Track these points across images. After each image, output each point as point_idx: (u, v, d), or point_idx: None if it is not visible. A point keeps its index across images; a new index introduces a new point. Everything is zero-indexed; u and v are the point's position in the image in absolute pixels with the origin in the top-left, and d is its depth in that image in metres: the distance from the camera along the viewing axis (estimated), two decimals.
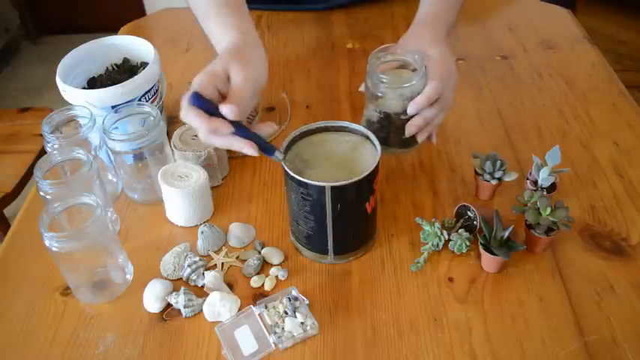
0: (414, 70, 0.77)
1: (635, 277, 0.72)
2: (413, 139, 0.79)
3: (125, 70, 0.96)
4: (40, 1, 3.00)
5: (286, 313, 0.68)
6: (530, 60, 1.11)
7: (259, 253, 0.77)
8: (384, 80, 0.75)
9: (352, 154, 0.73)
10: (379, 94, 0.76)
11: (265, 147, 0.70)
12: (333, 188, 0.67)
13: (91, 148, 0.80)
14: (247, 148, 0.68)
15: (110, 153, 0.82)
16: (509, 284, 0.72)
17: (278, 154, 0.70)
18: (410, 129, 0.76)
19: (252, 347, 0.67)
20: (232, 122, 0.67)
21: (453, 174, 0.88)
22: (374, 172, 0.69)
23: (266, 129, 0.73)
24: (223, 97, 0.69)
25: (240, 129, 0.68)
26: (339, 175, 0.70)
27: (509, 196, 0.81)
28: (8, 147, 1.64)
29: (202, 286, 0.73)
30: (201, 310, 0.70)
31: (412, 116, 0.76)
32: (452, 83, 0.78)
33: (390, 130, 0.78)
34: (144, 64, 0.96)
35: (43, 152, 0.98)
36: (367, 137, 0.73)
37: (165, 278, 0.75)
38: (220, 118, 0.67)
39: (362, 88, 0.80)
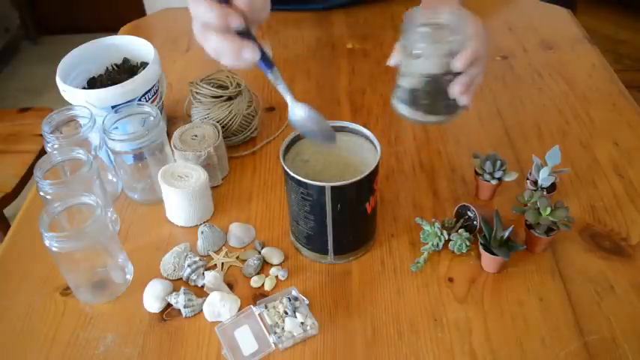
0: (450, 28, 0.71)
1: (635, 277, 0.72)
2: (455, 105, 0.73)
3: (125, 70, 0.96)
4: (40, 1, 3.00)
5: (286, 313, 0.68)
6: (530, 60, 1.11)
7: (259, 253, 0.77)
8: (425, 36, 0.69)
9: (352, 154, 0.73)
10: (420, 53, 0.69)
11: (265, 59, 0.63)
12: (333, 188, 0.67)
13: (91, 148, 0.80)
14: (248, 49, 0.61)
15: (110, 153, 0.82)
16: (509, 284, 0.72)
17: (275, 72, 0.64)
18: (458, 88, 0.70)
19: (252, 347, 0.67)
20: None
21: (453, 174, 0.88)
22: (374, 172, 0.69)
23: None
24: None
25: (244, 33, 0.61)
26: (339, 175, 0.70)
27: (509, 196, 0.82)
28: (8, 147, 1.64)
29: (202, 286, 0.73)
30: (201, 310, 0.70)
31: (454, 77, 0.71)
32: (485, 44, 0.74)
33: (436, 95, 0.72)
34: (144, 64, 0.96)
35: (43, 152, 0.99)
36: (367, 137, 0.73)
37: (166, 278, 0.75)
38: (233, 10, 0.60)
39: (393, 60, 0.73)
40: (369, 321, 0.69)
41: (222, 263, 0.77)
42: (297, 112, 0.67)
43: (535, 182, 0.80)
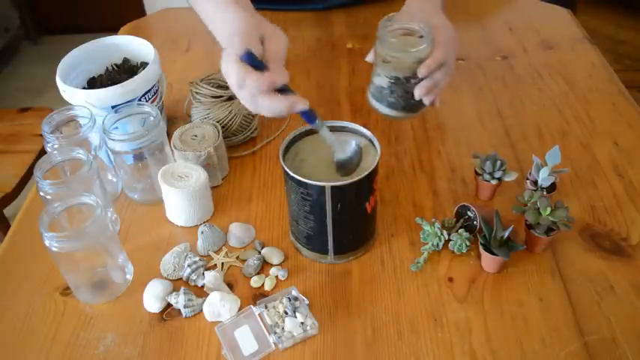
0: (420, 36, 0.80)
1: (635, 277, 0.72)
2: (420, 103, 0.81)
3: (125, 70, 0.96)
4: (40, 1, 3.00)
5: (286, 313, 0.68)
6: (530, 60, 1.11)
7: (259, 253, 0.77)
8: (395, 44, 0.78)
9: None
10: (390, 60, 0.78)
11: (309, 111, 0.69)
12: (333, 188, 0.67)
13: (91, 148, 0.80)
14: (300, 102, 0.67)
15: (110, 153, 0.82)
16: (509, 284, 0.72)
17: (319, 122, 0.70)
18: (420, 91, 0.79)
19: (252, 347, 0.67)
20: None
21: (453, 174, 0.88)
22: (374, 172, 0.69)
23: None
24: None
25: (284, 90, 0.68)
26: (339, 175, 0.70)
27: (509, 196, 0.81)
28: (8, 147, 1.64)
29: (202, 286, 0.73)
30: (201, 310, 0.70)
31: (420, 81, 0.79)
32: (454, 50, 0.82)
33: (400, 94, 0.81)
34: (144, 64, 0.96)
35: (43, 152, 0.99)
36: (367, 137, 0.73)
37: (166, 278, 0.75)
38: (274, 71, 0.67)
39: (369, 57, 0.83)
40: (369, 321, 0.69)
41: (222, 263, 0.77)
42: (346, 150, 0.72)
43: (535, 182, 0.80)
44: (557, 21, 1.24)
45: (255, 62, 0.66)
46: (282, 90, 0.67)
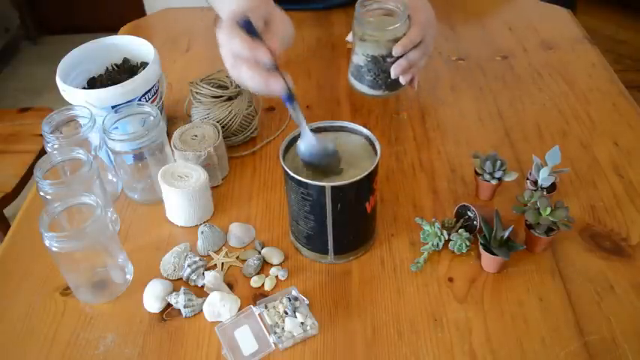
0: (397, 16, 0.82)
1: (635, 277, 0.72)
2: (398, 82, 0.84)
3: (125, 70, 0.96)
4: (40, 1, 3.00)
5: (286, 313, 0.68)
6: (530, 60, 1.11)
7: (259, 253, 0.77)
8: (371, 23, 0.80)
9: (352, 154, 0.73)
10: (366, 38, 0.81)
11: (289, 93, 0.69)
12: (333, 188, 0.67)
13: (91, 148, 0.80)
14: (275, 82, 0.67)
15: (110, 153, 0.82)
16: (509, 284, 0.72)
17: (295, 105, 0.69)
18: (395, 69, 0.81)
19: (252, 347, 0.67)
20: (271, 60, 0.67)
21: (453, 174, 0.88)
22: (374, 172, 0.69)
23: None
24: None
25: (273, 68, 0.68)
26: (339, 175, 0.70)
27: (509, 196, 0.81)
28: (8, 147, 1.64)
29: (202, 286, 0.73)
30: (201, 310, 0.70)
31: (397, 59, 0.81)
32: (432, 30, 0.83)
33: (377, 73, 0.83)
34: (144, 64, 0.96)
35: (43, 152, 0.99)
36: (367, 137, 0.73)
37: (166, 278, 0.75)
38: (265, 47, 0.66)
39: (349, 37, 0.87)
40: (369, 321, 0.69)
41: (222, 263, 0.77)
42: (308, 141, 0.70)
43: (535, 182, 0.80)
44: (557, 21, 1.24)
45: (250, 30, 0.65)
46: (273, 70, 0.67)
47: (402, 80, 0.82)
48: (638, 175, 0.86)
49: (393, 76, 0.81)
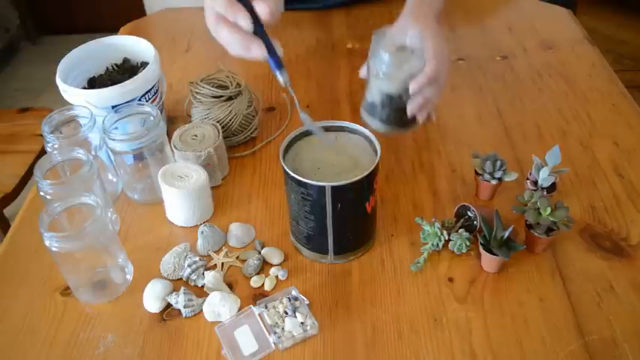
0: (412, 51, 0.78)
1: (635, 277, 0.72)
2: (413, 119, 0.81)
3: (125, 70, 0.96)
4: (40, 1, 3.00)
5: (286, 313, 0.68)
6: (530, 60, 1.11)
7: (259, 253, 0.77)
8: (386, 60, 0.77)
9: (352, 154, 0.73)
10: (381, 75, 0.78)
11: (276, 60, 0.67)
12: (333, 188, 0.67)
13: (91, 148, 0.80)
14: (256, 46, 0.65)
15: (110, 153, 0.82)
16: (509, 284, 0.72)
17: (283, 73, 0.68)
18: (412, 107, 0.78)
19: (252, 347, 0.67)
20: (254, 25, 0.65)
21: (453, 174, 0.88)
22: (374, 172, 0.69)
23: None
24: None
25: (259, 33, 0.66)
26: (339, 175, 0.70)
27: (509, 196, 0.81)
28: (8, 147, 1.64)
29: (202, 286, 0.73)
30: (201, 310, 0.70)
31: (411, 97, 0.78)
32: (446, 64, 0.81)
33: (392, 110, 0.80)
34: (144, 64, 0.96)
35: (43, 152, 0.99)
36: (367, 137, 0.73)
37: (166, 278, 0.75)
38: (245, 11, 0.65)
39: (363, 73, 0.82)
40: (369, 321, 0.69)
41: (222, 263, 0.77)
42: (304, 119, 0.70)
43: (535, 182, 0.80)
44: (557, 21, 1.24)
45: None
46: (260, 35, 0.66)
47: (419, 117, 0.80)
48: (638, 175, 0.86)
49: (409, 113, 0.79)
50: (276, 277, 0.74)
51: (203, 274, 0.74)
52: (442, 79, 0.80)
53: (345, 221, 0.71)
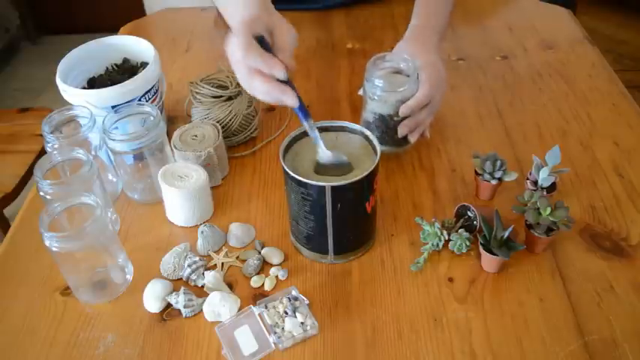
0: (408, 75, 0.83)
1: (635, 277, 0.72)
2: (406, 139, 0.85)
3: (125, 70, 0.96)
4: (40, 1, 3.00)
5: (286, 313, 0.68)
6: (530, 60, 1.11)
7: (259, 253, 0.77)
8: (379, 85, 0.81)
9: (352, 154, 0.73)
10: (375, 98, 0.82)
11: (303, 111, 0.71)
12: (333, 188, 0.67)
13: (91, 148, 0.80)
14: (289, 97, 0.69)
15: (110, 153, 0.82)
16: (509, 284, 0.72)
17: (310, 122, 0.71)
18: (402, 130, 0.83)
19: (252, 347, 0.67)
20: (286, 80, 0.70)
21: (453, 174, 0.88)
22: (374, 172, 0.69)
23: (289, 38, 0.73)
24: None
25: (289, 82, 0.70)
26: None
27: (509, 196, 0.81)
28: (8, 147, 1.64)
29: (202, 286, 0.73)
30: (201, 310, 0.70)
31: (404, 118, 0.82)
32: (441, 89, 0.85)
33: (385, 130, 0.85)
34: (144, 64, 0.96)
35: (43, 152, 0.99)
36: (367, 137, 0.73)
37: (165, 278, 0.75)
38: (280, 63, 0.69)
39: (360, 92, 0.87)
40: (369, 321, 0.69)
41: (222, 263, 0.77)
42: (324, 157, 0.71)
43: (535, 182, 0.80)
44: (557, 21, 1.24)
45: (264, 44, 0.69)
46: (285, 82, 0.69)
47: (411, 139, 0.84)
48: (638, 175, 0.86)
49: (399, 135, 0.83)
50: (276, 277, 0.74)
51: (203, 274, 0.74)
52: (435, 102, 0.84)
53: (345, 221, 0.71)
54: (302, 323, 0.68)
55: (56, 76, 0.86)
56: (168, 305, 0.72)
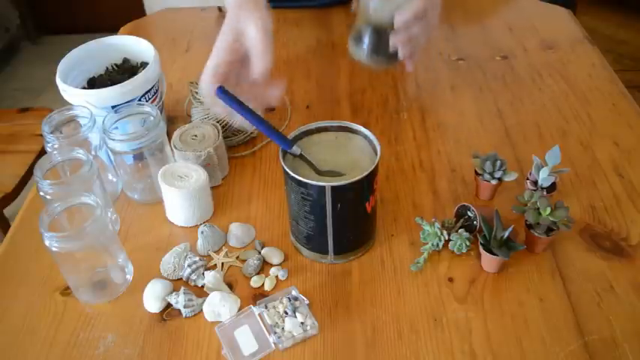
0: None
1: (635, 277, 0.72)
2: (396, 55, 0.81)
3: (125, 70, 0.96)
4: (40, 1, 3.00)
5: (286, 313, 0.68)
6: (530, 60, 1.11)
7: (259, 253, 0.77)
8: None
9: (352, 154, 0.73)
10: (369, 6, 0.79)
11: (283, 140, 0.71)
12: (333, 188, 0.67)
13: (91, 148, 0.80)
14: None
15: (110, 153, 0.82)
16: (509, 284, 0.72)
17: (295, 149, 0.71)
18: (394, 40, 0.79)
19: (252, 347, 0.67)
20: (254, 117, 0.71)
21: (453, 174, 0.88)
22: (374, 172, 0.69)
23: (273, 92, 0.74)
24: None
25: (263, 125, 0.71)
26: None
27: (509, 196, 0.81)
28: (8, 147, 1.64)
29: (202, 286, 0.73)
30: (201, 310, 0.70)
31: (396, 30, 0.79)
32: (436, 7, 0.81)
33: (377, 42, 0.82)
34: (144, 64, 0.96)
35: (43, 152, 0.99)
36: (367, 137, 0.73)
37: (166, 278, 0.75)
38: (242, 117, 0.71)
39: (352, 7, 0.84)
40: (369, 321, 0.69)
41: (222, 263, 0.77)
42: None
43: (535, 182, 0.80)
44: (557, 21, 1.24)
45: (227, 100, 0.71)
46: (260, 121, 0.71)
47: (400, 53, 0.81)
48: (638, 175, 0.86)
49: (391, 46, 0.79)
50: (276, 277, 0.74)
51: (203, 274, 0.74)
52: (431, 19, 0.80)
53: (345, 221, 0.71)
54: (302, 323, 0.68)
55: (56, 76, 0.86)
56: (168, 305, 0.72)
